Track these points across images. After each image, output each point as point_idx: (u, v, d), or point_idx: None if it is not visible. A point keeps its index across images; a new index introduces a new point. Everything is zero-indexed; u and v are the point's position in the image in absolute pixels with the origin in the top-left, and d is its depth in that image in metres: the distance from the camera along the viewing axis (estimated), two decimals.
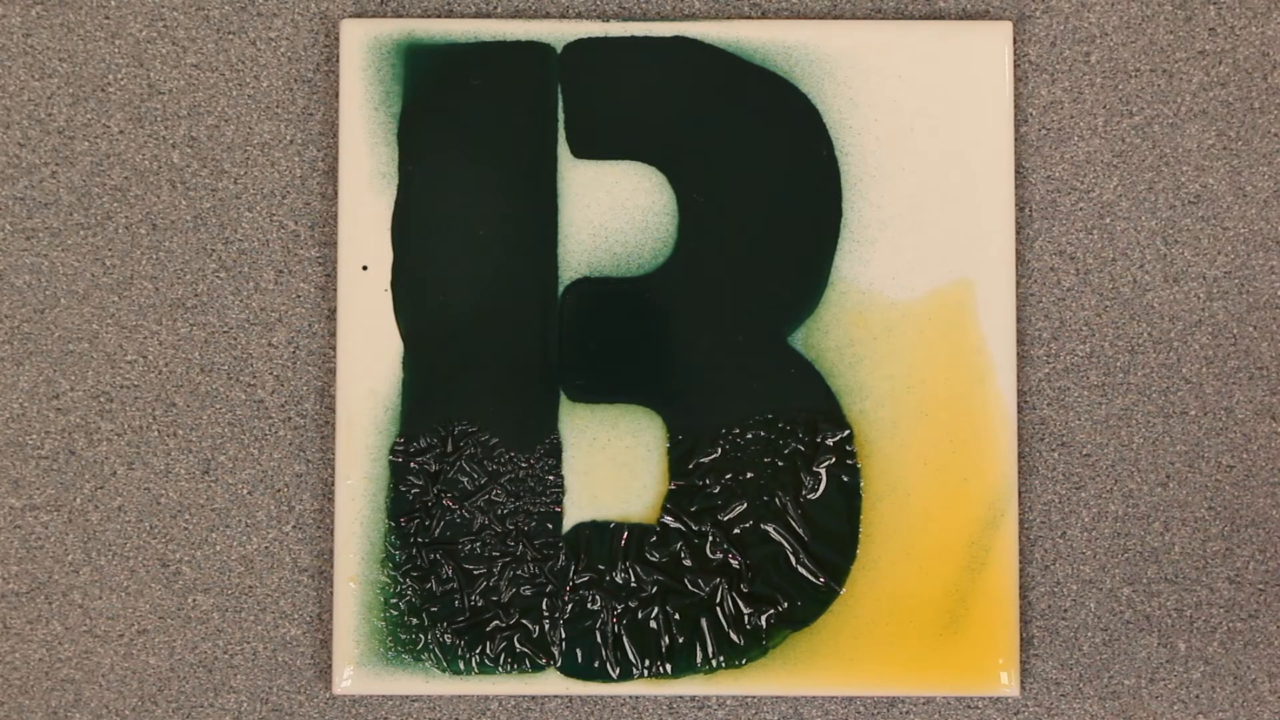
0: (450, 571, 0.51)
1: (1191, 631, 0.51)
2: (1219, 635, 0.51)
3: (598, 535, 0.51)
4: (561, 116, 0.51)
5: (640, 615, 0.51)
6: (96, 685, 0.52)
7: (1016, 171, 0.52)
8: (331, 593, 0.52)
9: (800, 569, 0.51)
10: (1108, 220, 0.52)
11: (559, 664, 0.51)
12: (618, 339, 0.51)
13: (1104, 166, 0.52)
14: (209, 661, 0.52)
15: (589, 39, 0.52)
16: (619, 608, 0.51)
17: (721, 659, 0.51)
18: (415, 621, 0.51)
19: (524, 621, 0.51)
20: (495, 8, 0.53)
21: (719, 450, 0.51)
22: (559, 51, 0.52)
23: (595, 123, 0.51)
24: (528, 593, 0.52)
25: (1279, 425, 0.51)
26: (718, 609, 0.51)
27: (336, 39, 0.52)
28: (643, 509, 0.52)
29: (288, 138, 0.52)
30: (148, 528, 0.52)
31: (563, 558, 0.52)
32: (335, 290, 0.52)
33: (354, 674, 0.51)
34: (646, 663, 0.51)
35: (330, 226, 0.52)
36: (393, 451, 0.51)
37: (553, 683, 0.51)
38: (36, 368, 0.52)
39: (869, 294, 0.51)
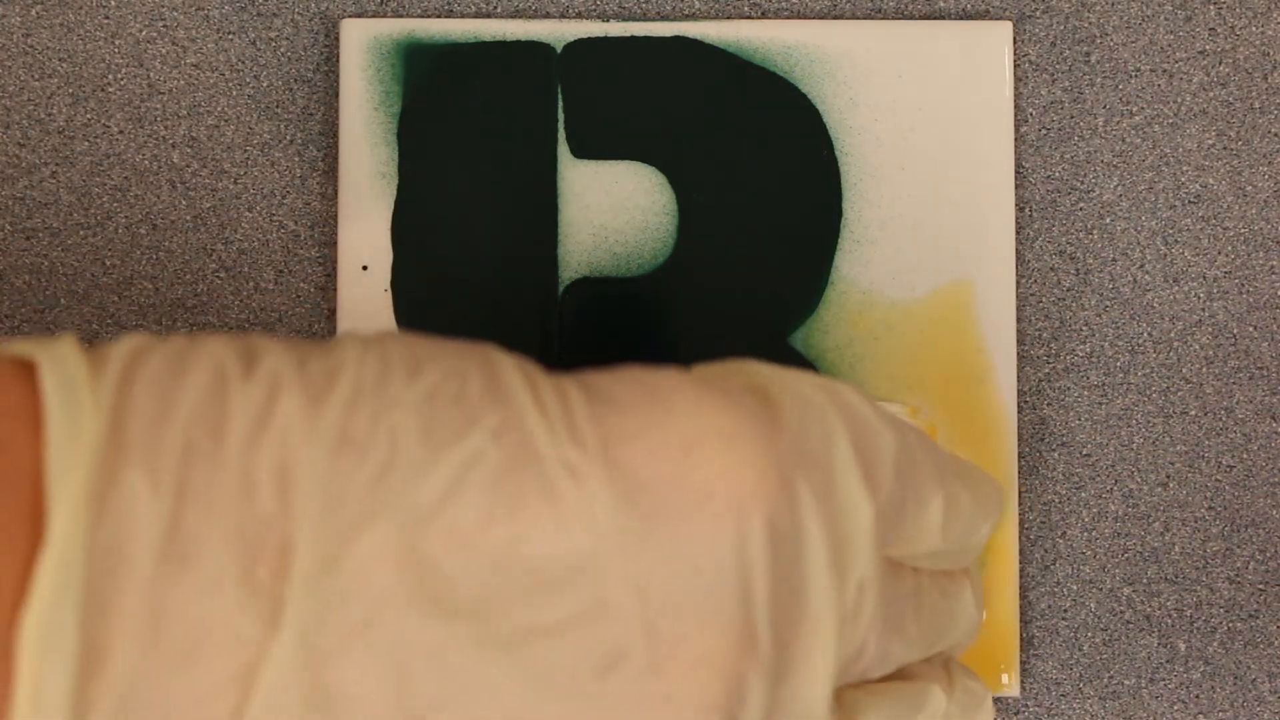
0: None
1: (1191, 631, 0.51)
2: (1219, 635, 0.51)
3: None
4: (561, 116, 0.51)
5: None
6: None
7: (1016, 171, 0.52)
8: None
9: None
10: (1108, 220, 0.52)
11: None
12: (618, 339, 0.51)
13: (1104, 166, 0.52)
14: None
15: (589, 39, 0.52)
16: None
17: None
18: None
19: None
20: (495, 8, 0.53)
21: None
22: (559, 51, 0.52)
23: (595, 123, 0.51)
24: None
25: (1279, 425, 0.51)
26: None
27: (336, 39, 0.52)
28: None
29: (288, 138, 0.52)
30: None
31: None
32: (335, 290, 0.52)
33: None
34: None
35: (330, 226, 0.52)
36: None
37: None
38: None
39: (869, 294, 0.51)
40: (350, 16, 0.52)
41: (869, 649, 0.37)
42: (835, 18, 0.52)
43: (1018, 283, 0.52)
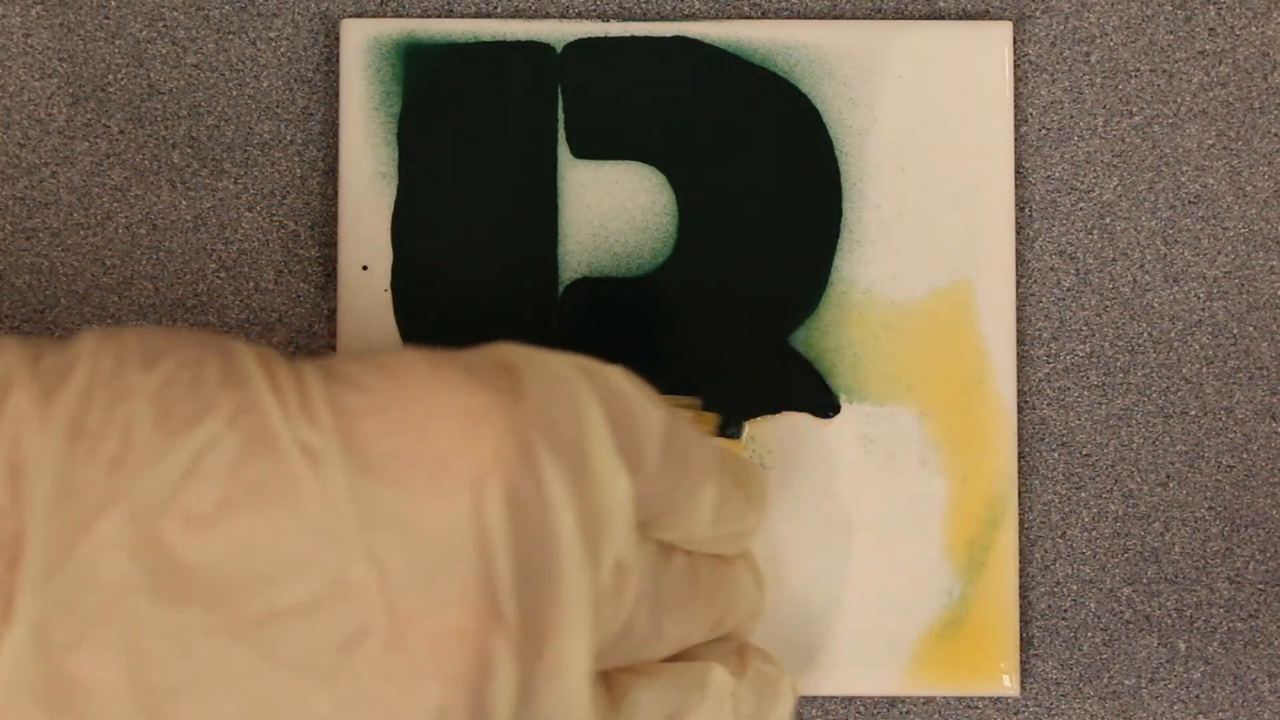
0: None
1: (1191, 631, 0.51)
2: (1219, 635, 0.51)
3: None
4: (561, 116, 0.51)
5: None
6: None
7: (1016, 171, 0.52)
8: None
9: None
10: (1108, 220, 0.52)
11: None
12: (618, 339, 0.51)
13: (1104, 166, 0.52)
14: None
15: (589, 39, 0.52)
16: None
17: None
18: None
19: None
20: (495, 8, 0.53)
21: None
22: (559, 51, 0.52)
23: (595, 123, 0.51)
24: None
25: (1279, 425, 0.51)
26: None
27: (336, 39, 0.52)
28: None
29: (288, 138, 0.52)
30: None
31: None
32: (335, 290, 0.52)
33: None
34: None
35: (330, 226, 0.52)
36: None
37: None
38: None
39: (869, 294, 0.51)
40: (350, 16, 0.52)
41: (639, 626, 0.37)
42: (835, 18, 0.52)
43: (1018, 283, 0.52)
